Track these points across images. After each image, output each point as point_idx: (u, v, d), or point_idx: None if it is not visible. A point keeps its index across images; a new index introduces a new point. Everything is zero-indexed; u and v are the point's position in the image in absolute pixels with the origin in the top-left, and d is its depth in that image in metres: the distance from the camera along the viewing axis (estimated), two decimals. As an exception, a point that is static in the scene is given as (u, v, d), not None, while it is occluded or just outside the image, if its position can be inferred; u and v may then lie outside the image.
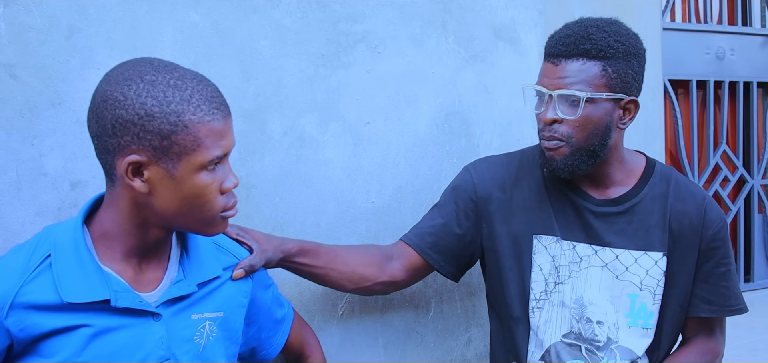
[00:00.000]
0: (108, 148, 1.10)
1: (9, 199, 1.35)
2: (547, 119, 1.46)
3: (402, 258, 1.62)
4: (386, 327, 1.80)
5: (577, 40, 1.44)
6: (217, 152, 1.13)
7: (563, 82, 1.44)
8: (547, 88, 1.46)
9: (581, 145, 1.47)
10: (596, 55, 1.44)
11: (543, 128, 1.49)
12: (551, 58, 1.47)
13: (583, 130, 1.45)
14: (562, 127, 1.46)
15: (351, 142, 1.72)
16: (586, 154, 1.48)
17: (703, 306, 1.57)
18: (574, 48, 1.44)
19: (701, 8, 3.14)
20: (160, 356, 1.16)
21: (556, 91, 1.44)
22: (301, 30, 1.65)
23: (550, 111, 1.46)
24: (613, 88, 1.45)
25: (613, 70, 1.44)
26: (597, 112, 1.45)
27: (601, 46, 1.44)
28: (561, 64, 1.45)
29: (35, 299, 1.09)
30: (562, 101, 1.45)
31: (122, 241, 1.17)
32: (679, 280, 1.55)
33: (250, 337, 1.39)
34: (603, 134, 1.47)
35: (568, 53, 1.45)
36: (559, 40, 1.47)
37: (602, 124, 1.46)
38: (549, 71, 1.47)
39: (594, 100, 1.44)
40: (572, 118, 1.44)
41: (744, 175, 3.27)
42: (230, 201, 1.19)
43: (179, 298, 1.20)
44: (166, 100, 1.08)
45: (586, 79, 1.44)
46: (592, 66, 1.44)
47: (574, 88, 1.43)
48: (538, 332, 1.57)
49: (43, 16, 1.37)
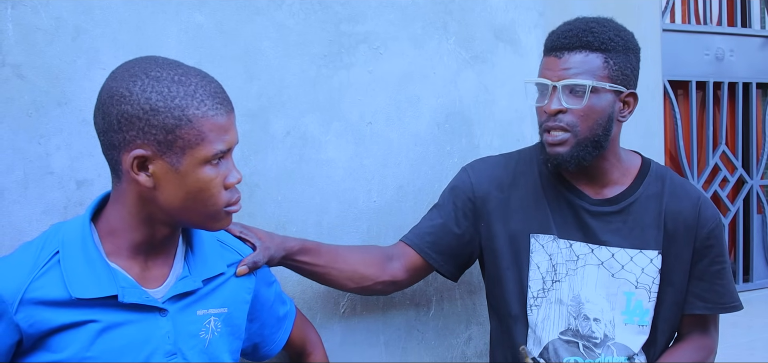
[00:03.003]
0: (114, 144, 1.12)
1: (16, 197, 1.37)
2: (551, 110, 1.47)
3: (402, 258, 1.63)
4: (387, 325, 1.81)
5: (579, 33, 1.47)
6: (221, 147, 1.14)
7: (568, 73, 1.46)
8: (551, 79, 1.48)
9: (586, 135, 1.48)
10: (598, 48, 1.46)
11: (546, 120, 1.49)
12: (553, 52, 1.49)
13: (587, 120, 1.47)
14: (567, 116, 1.47)
15: (353, 141, 1.74)
16: (590, 145, 1.49)
17: (699, 303, 1.59)
18: (577, 40, 1.46)
19: (701, 9, 3.15)
20: (167, 351, 1.18)
21: (560, 82, 1.46)
22: (304, 31, 1.66)
23: (555, 101, 1.47)
24: (615, 80, 1.48)
25: (614, 62, 1.47)
26: (600, 102, 1.47)
27: (603, 39, 1.46)
28: (564, 56, 1.47)
29: (44, 295, 1.10)
30: (567, 91, 1.47)
31: (129, 237, 1.18)
32: (675, 278, 1.57)
33: (253, 333, 1.41)
34: (606, 125, 1.49)
35: (571, 45, 1.47)
36: (561, 34, 1.49)
37: (605, 115, 1.48)
38: (551, 64, 1.49)
39: (597, 90, 1.46)
40: (577, 107, 1.46)
41: (743, 175, 3.28)
42: (234, 196, 1.20)
43: (185, 294, 1.22)
44: (170, 95, 1.10)
45: (589, 70, 1.46)
46: (594, 58, 1.46)
47: (579, 77, 1.45)
48: (536, 330, 1.58)
49: (49, 18, 1.39)
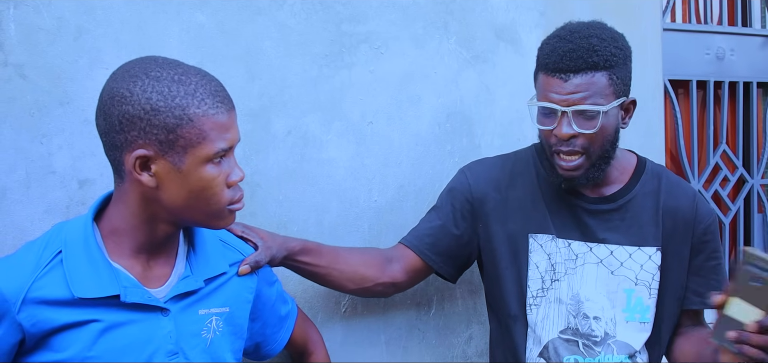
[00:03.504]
0: (116, 144, 1.12)
1: (18, 196, 1.38)
2: (563, 135, 1.45)
3: (402, 260, 1.64)
4: (388, 324, 1.81)
5: (583, 53, 1.43)
6: (222, 145, 1.14)
7: (577, 98, 1.43)
8: (560, 105, 1.44)
9: (599, 154, 1.49)
10: (603, 66, 1.43)
11: (557, 143, 1.48)
12: (557, 73, 1.44)
13: (599, 140, 1.47)
14: (580, 140, 1.46)
15: (354, 141, 1.74)
16: (603, 161, 1.51)
17: (695, 299, 1.59)
18: (583, 62, 1.43)
19: (701, 9, 3.15)
20: (169, 350, 1.18)
21: (571, 108, 1.43)
22: (305, 31, 1.66)
23: (566, 127, 1.45)
24: (619, 94, 1.47)
25: (618, 77, 1.46)
26: (610, 120, 1.47)
27: (606, 57, 1.43)
28: (570, 79, 1.43)
29: (47, 294, 1.11)
30: (578, 116, 1.44)
31: (131, 237, 1.18)
32: (674, 274, 1.58)
33: (255, 332, 1.41)
34: (613, 138, 1.51)
35: (576, 68, 1.43)
36: (564, 55, 1.44)
37: (613, 129, 1.49)
38: (557, 87, 1.45)
39: (607, 111, 1.45)
40: (591, 131, 1.45)
41: (744, 174, 3.27)
42: (237, 194, 1.20)
43: (187, 294, 1.22)
44: (170, 95, 1.10)
45: (597, 91, 1.43)
46: (601, 77, 1.44)
47: (589, 102, 1.43)
48: (535, 329, 1.59)
49: (52, 18, 1.39)
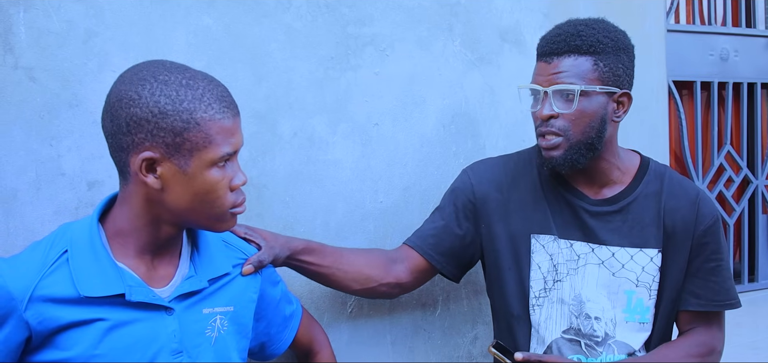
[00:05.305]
0: (122, 146, 1.13)
1: (29, 198, 1.39)
2: (543, 115, 1.49)
3: (406, 261, 1.64)
4: (394, 325, 1.82)
5: (567, 37, 1.48)
6: (227, 149, 1.16)
7: (557, 78, 1.48)
8: (542, 85, 1.50)
9: (578, 138, 1.50)
10: (587, 51, 1.47)
11: (540, 125, 1.52)
12: (544, 57, 1.51)
13: (579, 124, 1.48)
14: (559, 121, 1.49)
15: (360, 142, 1.75)
16: (584, 147, 1.51)
17: (692, 299, 1.58)
18: (565, 45, 1.48)
19: (705, 10, 3.15)
20: (173, 349, 1.19)
21: (550, 87, 1.48)
22: (311, 33, 1.67)
23: (546, 107, 1.49)
24: (606, 82, 1.49)
25: (604, 64, 1.48)
26: (591, 105, 1.48)
27: (591, 42, 1.47)
28: (554, 61, 1.49)
29: (53, 293, 1.12)
30: (558, 96, 1.48)
31: (135, 237, 1.19)
32: (674, 276, 1.57)
33: (260, 332, 1.42)
34: (599, 127, 1.50)
35: (560, 50, 1.48)
36: (550, 39, 1.51)
37: (597, 118, 1.50)
38: (542, 70, 1.51)
39: (588, 93, 1.47)
40: (568, 112, 1.48)
41: (748, 175, 3.27)
42: (239, 198, 1.22)
43: (191, 293, 1.23)
44: (178, 99, 1.11)
45: (578, 74, 1.47)
46: (584, 61, 1.48)
47: (567, 82, 1.47)
48: (539, 329, 1.59)
49: (61, 21, 1.40)
